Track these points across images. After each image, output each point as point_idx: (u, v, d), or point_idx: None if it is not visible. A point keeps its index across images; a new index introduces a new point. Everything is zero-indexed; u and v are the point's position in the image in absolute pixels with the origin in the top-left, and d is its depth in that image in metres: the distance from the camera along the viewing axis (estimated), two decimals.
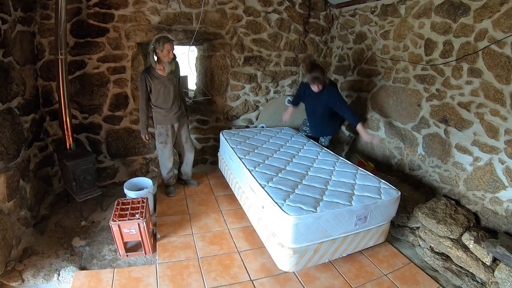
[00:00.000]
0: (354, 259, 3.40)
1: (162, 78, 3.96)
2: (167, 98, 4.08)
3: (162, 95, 4.04)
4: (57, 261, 3.20)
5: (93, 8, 4.10)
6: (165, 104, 4.10)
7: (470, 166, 3.56)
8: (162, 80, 3.97)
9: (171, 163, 4.48)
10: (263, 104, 5.56)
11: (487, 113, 3.33)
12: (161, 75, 3.95)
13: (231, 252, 3.44)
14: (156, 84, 3.95)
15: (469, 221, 3.30)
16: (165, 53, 3.81)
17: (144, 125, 4.18)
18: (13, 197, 3.17)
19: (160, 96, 4.04)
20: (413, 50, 4.15)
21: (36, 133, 3.91)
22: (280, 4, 5.05)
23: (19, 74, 3.46)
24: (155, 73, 3.93)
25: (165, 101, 4.08)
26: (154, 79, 3.93)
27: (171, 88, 4.06)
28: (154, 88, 3.97)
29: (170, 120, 4.20)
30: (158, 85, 3.97)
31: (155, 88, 3.97)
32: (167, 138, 4.28)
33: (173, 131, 4.33)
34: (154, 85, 3.95)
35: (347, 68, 5.49)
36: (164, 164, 4.46)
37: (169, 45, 3.80)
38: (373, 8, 4.77)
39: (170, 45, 3.81)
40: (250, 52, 5.14)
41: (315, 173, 3.60)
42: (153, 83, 3.94)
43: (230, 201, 4.43)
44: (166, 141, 4.30)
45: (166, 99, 4.08)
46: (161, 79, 3.95)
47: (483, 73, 3.33)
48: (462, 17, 3.48)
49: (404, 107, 4.37)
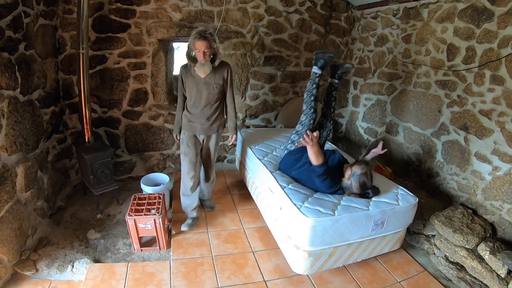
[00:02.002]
0: (368, 264, 3.37)
1: (198, 79, 3.45)
2: (197, 103, 3.54)
3: (194, 97, 3.53)
4: (72, 252, 3.24)
5: (115, 4, 4.13)
6: (194, 108, 3.58)
7: (489, 175, 3.49)
8: (197, 81, 3.46)
9: (192, 182, 3.71)
10: (282, 105, 5.54)
11: (508, 122, 3.26)
12: (198, 75, 3.44)
13: (245, 252, 3.45)
14: (190, 83, 3.50)
15: (486, 232, 3.24)
16: (196, 52, 3.25)
17: (177, 124, 3.80)
18: (31, 187, 3.23)
19: (192, 98, 3.55)
20: (435, 55, 4.09)
21: (56, 126, 3.97)
22: (301, 5, 5.02)
23: (41, 67, 3.51)
24: (192, 71, 3.45)
25: (195, 105, 3.56)
26: (190, 77, 3.48)
27: (204, 94, 3.49)
28: (187, 86, 3.54)
29: (193, 129, 3.64)
30: (191, 85, 3.50)
31: (188, 87, 3.53)
32: (187, 149, 3.67)
33: (197, 142, 3.73)
34: (188, 83, 3.52)
35: (367, 70, 5.44)
36: (183, 181, 3.76)
37: (200, 43, 3.15)
38: (395, 11, 4.71)
39: (201, 43, 3.15)
40: (270, 52, 5.11)
41: None
42: (187, 81, 3.51)
43: (246, 201, 4.43)
44: (185, 152, 3.69)
45: (195, 104, 3.55)
46: (196, 79, 3.46)
47: (506, 81, 3.26)
48: (486, 23, 3.41)
49: (424, 113, 4.32)
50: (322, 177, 3.05)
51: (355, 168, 3.07)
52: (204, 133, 3.68)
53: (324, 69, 3.69)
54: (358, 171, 3.04)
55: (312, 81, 3.66)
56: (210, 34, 3.18)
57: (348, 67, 3.86)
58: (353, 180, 3.05)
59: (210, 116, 3.60)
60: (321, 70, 3.66)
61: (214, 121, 3.64)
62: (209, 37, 3.16)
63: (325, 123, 3.80)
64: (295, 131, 3.67)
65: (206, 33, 3.15)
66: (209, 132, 3.69)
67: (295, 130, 3.68)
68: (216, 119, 3.65)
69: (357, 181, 3.03)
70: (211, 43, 3.19)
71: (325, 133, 3.79)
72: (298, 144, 2.89)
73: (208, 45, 3.17)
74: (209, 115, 3.59)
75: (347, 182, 3.09)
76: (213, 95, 3.52)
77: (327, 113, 3.81)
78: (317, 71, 3.65)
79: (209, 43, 3.17)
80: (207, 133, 3.69)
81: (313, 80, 3.65)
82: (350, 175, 3.08)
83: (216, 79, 3.47)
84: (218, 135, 3.80)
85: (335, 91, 3.81)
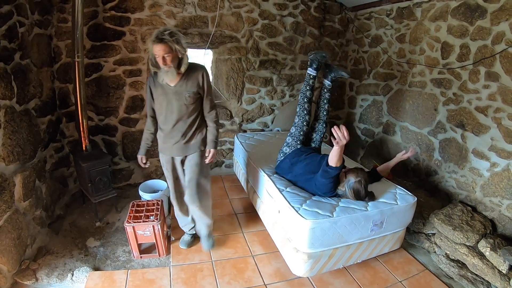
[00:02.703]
0: (369, 265, 3.36)
1: (167, 88, 2.88)
2: (169, 117, 2.97)
3: (164, 111, 2.97)
4: (71, 261, 3.23)
5: (109, 12, 4.13)
6: (166, 124, 3.02)
7: (487, 172, 3.50)
8: (167, 91, 2.89)
9: (179, 206, 3.47)
10: (279, 108, 5.53)
11: (504, 117, 3.27)
12: (168, 84, 2.88)
13: (245, 256, 3.44)
14: (159, 94, 2.94)
15: (486, 228, 3.24)
16: (156, 57, 2.72)
17: (142, 143, 3.29)
18: (29, 197, 3.21)
19: (162, 112, 2.99)
20: (429, 54, 4.11)
21: (53, 134, 3.95)
22: (295, 8, 5.04)
23: (36, 76, 3.50)
24: (160, 79, 2.86)
25: (166, 120, 2.99)
26: (158, 87, 2.92)
27: (176, 106, 2.91)
28: (156, 98, 2.99)
29: (168, 150, 3.15)
30: (161, 97, 2.93)
31: (157, 98, 2.98)
32: (167, 173, 3.33)
33: (173, 166, 3.25)
34: (156, 94, 2.97)
35: (362, 71, 5.45)
36: (173, 203, 3.52)
37: (157, 47, 2.63)
38: (389, 11, 4.73)
39: (159, 47, 2.62)
40: (265, 56, 5.12)
41: None
42: (156, 91, 2.96)
43: (245, 205, 4.44)
44: (166, 176, 3.37)
45: (167, 119, 2.98)
46: (165, 89, 2.89)
47: (501, 77, 3.27)
48: (479, 20, 3.43)
49: (420, 112, 4.33)
50: (332, 179, 2.94)
51: (349, 176, 3.01)
52: (181, 153, 3.14)
53: (319, 70, 3.69)
54: (352, 179, 2.98)
55: (306, 82, 3.67)
56: (170, 35, 2.61)
57: (344, 75, 3.80)
58: (347, 188, 2.99)
59: (186, 132, 3.03)
60: (316, 71, 3.66)
61: (192, 138, 3.08)
62: (167, 39, 2.60)
63: (317, 126, 3.79)
64: (289, 133, 3.68)
65: (165, 34, 2.60)
66: (187, 151, 3.12)
67: (289, 132, 3.69)
68: (194, 135, 3.08)
69: (352, 189, 2.97)
70: (171, 46, 2.63)
71: (318, 136, 3.78)
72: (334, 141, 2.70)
73: (168, 48, 2.63)
74: (184, 130, 3.02)
75: (341, 190, 3.05)
76: (187, 107, 2.93)
77: (319, 116, 3.80)
78: (312, 72, 3.65)
79: (169, 46, 2.63)
80: (184, 153, 3.14)
81: (307, 82, 3.67)
82: (344, 183, 3.02)
83: (189, 87, 2.89)
84: (200, 154, 3.16)
85: (328, 93, 3.80)
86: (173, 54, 2.68)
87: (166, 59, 2.67)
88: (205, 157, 3.16)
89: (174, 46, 2.64)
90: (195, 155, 3.13)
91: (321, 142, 3.83)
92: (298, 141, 3.61)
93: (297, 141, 3.62)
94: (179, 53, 2.73)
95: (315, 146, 3.76)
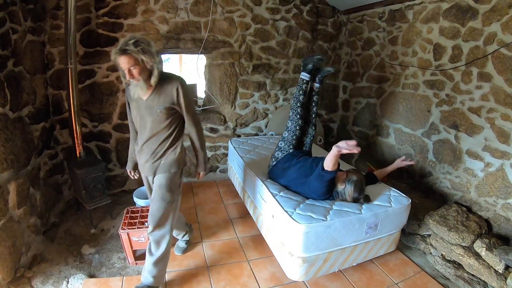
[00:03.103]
0: (365, 268, 3.36)
1: (140, 102, 2.61)
2: (142, 133, 2.72)
3: (139, 126, 2.74)
4: (66, 268, 3.20)
5: (102, 18, 4.14)
6: (140, 140, 2.78)
7: (481, 172, 3.51)
8: (140, 105, 2.63)
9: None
10: (273, 112, 5.54)
11: (498, 117, 3.29)
12: (141, 97, 2.59)
13: (240, 261, 3.42)
14: (134, 107, 2.71)
15: (481, 228, 3.25)
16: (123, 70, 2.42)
17: (129, 156, 3.15)
18: (23, 204, 3.20)
19: (138, 127, 2.78)
20: (422, 56, 4.13)
21: (46, 142, 3.94)
22: (288, 12, 5.06)
23: (30, 83, 3.50)
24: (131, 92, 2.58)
25: (140, 136, 2.76)
26: (133, 100, 2.65)
27: (149, 121, 2.64)
28: (132, 111, 2.76)
29: (141, 167, 2.90)
30: (135, 111, 2.70)
31: (133, 111, 2.75)
32: (148, 192, 3.08)
33: (148, 185, 3.00)
34: (132, 107, 2.74)
35: (355, 74, 5.47)
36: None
37: (122, 60, 2.33)
38: (381, 14, 4.76)
39: (123, 60, 2.32)
40: (258, 60, 5.14)
41: None
42: (132, 104, 2.72)
43: (240, 210, 4.42)
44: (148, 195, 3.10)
45: (141, 134, 2.74)
46: (139, 102, 2.62)
47: (493, 77, 3.30)
48: (471, 21, 3.46)
49: (414, 113, 4.34)
50: (327, 182, 2.95)
51: (351, 175, 3.02)
52: (150, 172, 2.82)
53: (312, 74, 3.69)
54: (354, 177, 3.00)
55: (299, 87, 3.67)
56: (135, 44, 2.29)
57: (329, 71, 3.81)
58: (348, 185, 2.98)
59: (157, 151, 2.73)
60: (310, 75, 3.66)
61: (161, 157, 2.75)
62: (131, 50, 2.28)
63: (306, 129, 3.78)
64: (282, 138, 3.67)
65: (129, 44, 2.28)
66: (157, 171, 2.79)
67: (282, 137, 3.68)
68: (164, 155, 2.75)
69: (352, 187, 2.97)
70: (136, 57, 2.32)
71: (308, 139, 3.77)
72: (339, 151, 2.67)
73: (133, 60, 2.32)
74: (155, 149, 2.72)
75: (341, 188, 3.04)
76: (159, 123, 2.63)
77: (308, 119, 3.79)
78: (305, 76, 3.65)
79: (134, 58, 2.31)
80: (153, 172, 2.81)
81: (300, 87, 3.67)
82: (345, 180, 3.01)
83: (161, 102, 2.57)
84: (170, 176, 2.78)
85: (316, 96, 3.81)
86: (140, 66, 2.37)
87: (132, 72, 2.37)
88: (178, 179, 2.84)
89: (140, 57, 2.32)
90: (162, 176, 2.75)
91: (311, 145, 3.83)
92: (290, 145, 3.61)
93: (290, 145, 3.61)
94: (147, 64, 2.40)
95: (306, 149, 3.76)
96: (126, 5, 4.20)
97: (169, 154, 2.74)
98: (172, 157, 2.75)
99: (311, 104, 3.79)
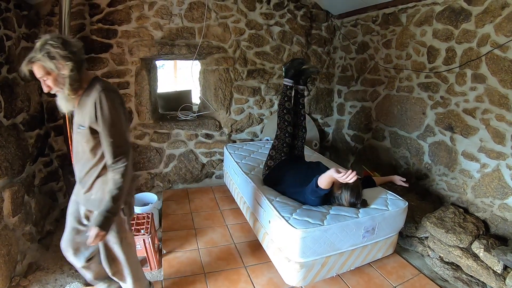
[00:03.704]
0: (363, 271, 3.35)
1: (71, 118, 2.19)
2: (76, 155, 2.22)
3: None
4: (62, 276, 3.17)
5: (96, 24, 4.14)
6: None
7: (477, 173, 3.51)
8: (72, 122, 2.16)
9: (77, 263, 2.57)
10: (268, 117, 5.53)
11: (492, 118, 3.30)
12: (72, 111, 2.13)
13: (237, 267, 3.40)
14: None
15: (478, 229, 3.25)
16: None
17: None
18: (18, 212, 3.17)
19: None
20: (416, 58, 4.14)
21: (41, 149, 3.91)
22: (282, 17, 5.08)
23: (24, 90, 3.49)
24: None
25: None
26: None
27: (75, 142, 2.17)
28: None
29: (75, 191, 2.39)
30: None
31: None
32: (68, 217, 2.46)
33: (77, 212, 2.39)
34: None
35: (350, 78, 5.49)
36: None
37: (34, 69, 1.88)
38: (375, 18, 4.78)
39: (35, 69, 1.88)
40: (253, 65, 5.14)
41: None
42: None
43: (236, 215, 4.39)
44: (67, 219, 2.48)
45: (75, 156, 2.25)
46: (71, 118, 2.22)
47: (487, 79, 3.31)
48: (464, 23, 3.47)
49: (409, 116, 4.35)
50: (321, 197, 2.95)
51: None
52: (84, 204, 2.29)
53: (295, 78, 3.66)
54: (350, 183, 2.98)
55: (283, 93, 3.62)
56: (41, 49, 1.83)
57: (312, 71, 3.77)
58: (345, 191, 2.96)
59: (85, 180, 2.19)
60: (293, 79, 3.63)
61: (90, 189, 2.18)
62: (36, 58, 1.83)
63: (297, 133, 3.75)
64: (272, 146, 3.64)
65: (37, 51, 1.83)
66: (90, 205, 2.24)
67: (272, 145, 3.66)
68: (92, 187, 2.17)
69: (349, 193, 2.95)
70: (44, 65, 1.85)
71: (300, 142, 3.75)
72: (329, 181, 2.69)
73: (42, 70, 1.86)
74: (82, 177, 2.20)
75: (337, 193, 3.02)
76: (83, 146, 2.09)
77: (297, 122, 3.76)
78: (288, 82, 3.61)
79: (42, 66, 1.85)
80: (87, 206, 2.27)
81: (284, 93, 3.62)
82: (341, 186, 2.98)
83: (80, 119, 2.05)
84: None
85: (302, 98, 3.78)
86: (53, 74, 1.88)
87: (47, 83, 1.92)
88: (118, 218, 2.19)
89: (47, 64, 1.84)
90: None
91: (303, 148, 3.82)
92: (282, 153, 3.59)
93: (281, 153, 3.59)
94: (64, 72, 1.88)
95: (298, 153, 3.75)
96: (120, 11, 4.21)
97: (98, 187, 2.15)
98: (101, 193, 2.13)
99: (298, 107, 3.75)
